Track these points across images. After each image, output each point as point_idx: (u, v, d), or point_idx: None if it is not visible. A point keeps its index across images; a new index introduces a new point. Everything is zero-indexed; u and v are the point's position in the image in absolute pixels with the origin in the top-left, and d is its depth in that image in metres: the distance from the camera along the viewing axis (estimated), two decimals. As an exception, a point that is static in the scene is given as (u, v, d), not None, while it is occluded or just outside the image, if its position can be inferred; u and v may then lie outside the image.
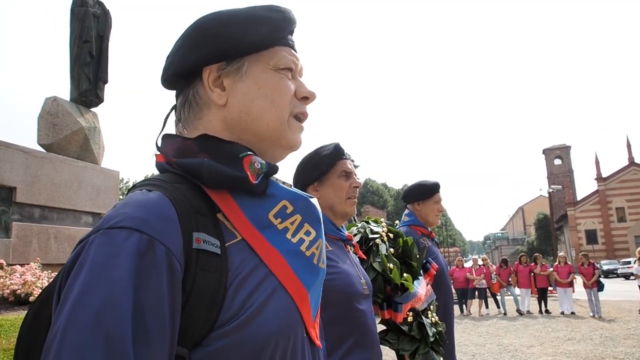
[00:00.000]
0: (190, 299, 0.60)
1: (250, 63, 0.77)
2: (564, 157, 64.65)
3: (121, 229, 0.58)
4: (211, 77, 0.76)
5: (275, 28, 0.78)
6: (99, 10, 6.93)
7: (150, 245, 0.57)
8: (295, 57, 0.82)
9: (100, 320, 0.51)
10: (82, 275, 0.55)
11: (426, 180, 2.89)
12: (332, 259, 1.57)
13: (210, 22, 0.76)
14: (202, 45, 0.76)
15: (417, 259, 2.29)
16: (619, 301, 14.41)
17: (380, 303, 2.03)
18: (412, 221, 2.80)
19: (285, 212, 0.75)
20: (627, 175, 47.68)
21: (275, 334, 0.65)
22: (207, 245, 0.64)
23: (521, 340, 8.41)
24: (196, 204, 0.67)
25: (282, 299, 0.69)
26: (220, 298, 0.62)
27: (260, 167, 0.73)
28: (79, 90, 6.89)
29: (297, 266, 0.73)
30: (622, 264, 30.60)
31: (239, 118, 0.76)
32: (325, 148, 1.76)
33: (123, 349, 0.51)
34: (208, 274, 0.62)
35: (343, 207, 1.71)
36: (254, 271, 0.67)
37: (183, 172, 0.71)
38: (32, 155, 6.13)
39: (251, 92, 0.76)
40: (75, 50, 6.80)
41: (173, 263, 0.59)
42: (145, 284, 0.55)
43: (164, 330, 0.56)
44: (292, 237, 0.74)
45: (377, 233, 2.13)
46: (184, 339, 0.60)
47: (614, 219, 47.61)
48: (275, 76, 0.78)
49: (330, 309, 1.49)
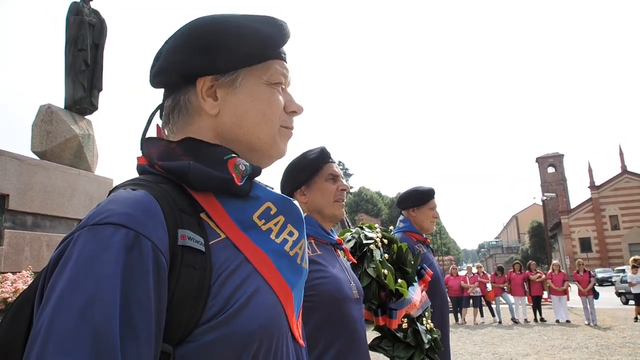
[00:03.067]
0: (175, 295, 0.60)
1: (245, 76, 0.78)
2: (557, 165, 64.98)
3: (107, 225, 0.58)
4: (205, 87, 0.76)
5: (271, 42, 0.78)
6: (94, 19, 6.93)
7: (137, 240, 0.57)
8: (286, 69, 0.83)
9: (87, 316, 0.51)
10: (67, 271, 0.54)
11: (421, 186, 2.87)
12: (321, 262, 1.57)
13: (205, 30, 0.75)
14: (197, 55, 0.75)
15: (412, 265, 2.28)
16: (614, 309, 14.43)
17: (374, 309, 2.01)
18: (407, 227, 2.79)
19: (269, 213, 0.76)
20: (620, 183, 47.93)
21: (260, 330, 0.65)
22: (191, 242, 0.64)
23: (516, 349, 8.38)
24: (180, 202, 0.68)
25: (267, 296, 0.69)
26: (204, 294, 0.62)
27: (245, 169, 0.75)
28: (74, 98, 6.86)
29: (282, 265, 0.74)
30: (616, 272, 30.65)
31: (230, 130, 0.77)
32: (311, 152, 1.76)
33: (110, 344, 0.51)
34: (192, 270, 0.63)
35: (331, 210, 1.71)
36: (239, 268, 0.68)
37: (167, 174, 0.71)
38: (26, 163, 6.10)
39: (244, 105, 0.77)
40: (69, 58, 6.79)
41: (159, 259, 0.59)
42: (132, 279, 0.55)
43: (151, 326, 0.56)
44: (276, 238, 0.75)
45: (371, 239, 2.12)
46: (169, 335, 0.60)
47: (608, 227, 47.77)
48: (267, 90, 0.79)
49: (318, 313, 1.48)
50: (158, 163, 0.72)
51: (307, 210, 1.71)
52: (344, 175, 2.24)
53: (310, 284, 1.49)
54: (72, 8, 6.74)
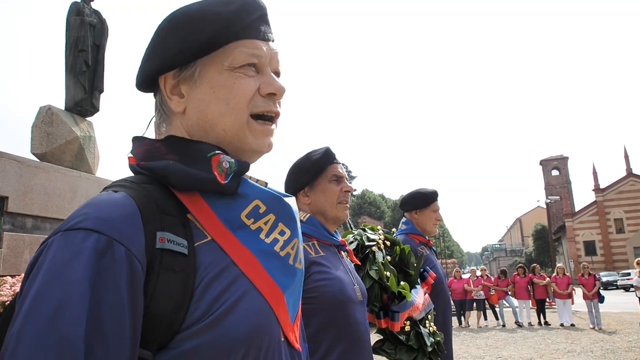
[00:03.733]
0: (153, 300, 0.59)
1: (203, 66, 0.73)
2: (562, 168, 64.87)
3: (79, 230, 0.57)
4: (168, 85, 0.74)
5: (226, 24, 0.71)
6: (95, 20, 6.92)
7: (109, 246, 0.56)
8: (258, 48, 0.74)
9: (55, 323, 0.51)
10: (39, 278, 0.54)
11: (424, 188, 2.85)
12: (324, 264, 1.54)
13: (164, 26, 0.74)
14: (154, 53, 0.74)
15: (415, 267, 2.25)
16: (619, 313, 14.34)
17: (376, 312, 1.98)
18: (410, 229, 2.76)
19: (258, 212, 0.72)
20: (625, 186, 47.79)
21: (246, 337, 0.62)
22: (171, 244, 0.62)
23: (520, 353, 8.32)
24: (164, 204, 0.66)
25: (254, 301, 0.66)
26: (186, 299, 0.60)
27: (229, 166, 0.70)
28: (74, 99, 6.85)
29: (271, 267, 0.70)
30: (621, 275, 30.51)
31: (197, 125, 0.73)
32: (315, 153, 1.75)
33: (76, 350, 0.50)
34: (173, 274, 0.60)
35: (334, 211, 1.69)
36: (224, 272, 0.65)
37: (151, 174, 0.69)
38: (25, 165, 6.08)
39: (206, 96, 0.72)
40: (70, 60, 6.77)
41: (134, 264, 0.57)
42: (103, 285, 0.54)
43: (123, 332, 0.54)
44: (266, 238, 0.72)
45: (374, 241, 2.09)
46: (148, 341, 0.58)
47: (613, 230, 47.61)
48: (231, 76, 0.72)
49: (321, 315, 1.46)
50: (140, 163, 0.71)
51: (310, 212, 1.70)
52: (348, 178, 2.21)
53: (312, 286, 1.48)
54: (72, 9, 6.73)
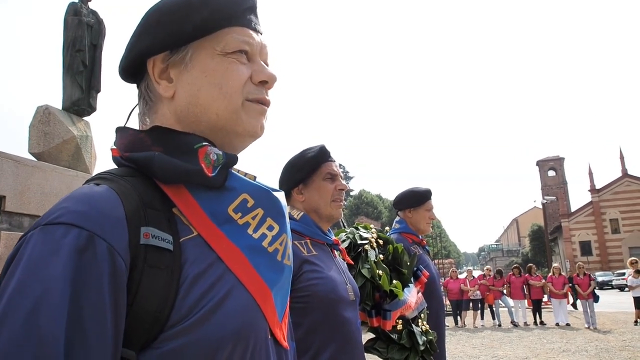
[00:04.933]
0: (137, 298, 0.57)
1: (195, 50, 0.72)
2: (558, 168, 64.90)
3: (59, 225, 0.55)
4: (157, 69, 0.73)
5: (220, 8, 0.72)
6: (92, 20, 6.91)
7: (90, 241, 0.54)
8: (250, 37, 0.75)
9: (33, 320, 0.49)
10: (17, 274, 0.52)
11: (418, 187, 2.85)
12: (317, 263, 1.55)
13: (154, 10, 0.73)
14: (144, 35, 0.72)
15: (408, 266, 2.26)
16: (614, 312, 14.38)
17: (368, 310, 1.99)
18: (403, 228, 2.77)
19: (245, 205, 0.70)
20: (620, 187, 47.85)
21: (233, 335, 0.61)
22: (156, 240, 0.60)
23: (516, 352, 8.35)
24: (148, 197, 0.64)
25: (241, 297, 0.65)
26: (171, 296, 0.59)
27: (217, 158, 0.69)
28: (72, 99, 6.85)
29: (259, 263, 0.69)
30: (616, 275, 30.57)
31: (187, 110, 0.72)
32: (310, 150, 1.74)
33: (54, 348, 0.48)
34: (157, 271, 0.59)
35: (328, 210, 1.68)
36: (210, 268, 0.64)
37: (135, 166, 0.68)
38: (22, 164, 6.08)
39: (197, 81, 0.72)
40: (67, 59, 6.77)
41: (116, 260, 0.56)
42: (83, 282, 0.53)
43: (104, 331, 0.53)
44: (254, 233, 0.70)
45: (366, 239, 2.10)
46: (131, 340, 0.56)
47: (608, 231, 47.66)
48: (223, 61, 0.72)
49: (313, 315, 1.46)
50: (124, 154, 0.69)
51: (304, 210, 1.69)
52: (345, 178, 2.23)
53: (304, 285, 1.47)
54: (70, 9, 6.73)
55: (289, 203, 1.75)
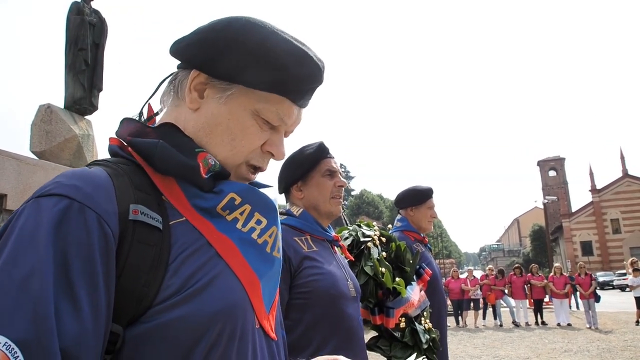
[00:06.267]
0: (125, 272, 0.59)
1: (238, 93, 0.73)
2: (559, 168, 64.86)
3: (52, 196, 0.57)
4: (197, 80, 0.74)
5: (286, 80, 0.72)
6: (95, 19, 6.92)
7: (81, 211, 0.57)
8: (290, 115, 0.76)
9: (26, 287, 0.51)
10: (9, 244, 0.54)
11: (419, 185, 2.85)
12: (317, 259, 1.54)
13: (233, 31, 0.71)
14: (206, 47, 0.72)
15: (411, 264, 2.25)
16: (615, 312, 14.37)
17: (371, 308, 1.99)
18: (405, 226, 2.77)
19: (233, 203, 0.72)
20: (621, 187, 47.84)
21: (221, 315, 0.62)
22: (144, 217, 0.62)
23: (517, 352, 8.34)
24: (138, 183, 0.66)
25: (229, 281, 0.66)
26: (160, 274, 0.60)
27: (214, 164, 0.72)
28: (73, 97, 6.85)
29: (249, 253, 0.71)
30: (617, 275, 30.55)
31: (197, 131, 0.74)
32: (309, 147, 1.73)
33: (47, 313, 0.50)
34: (146, 247, 0.61)
35: (327, 206, 1.68)
36: (199, 250, 0.65)
37: (135, 151, 0.70)
38: (24, 163, 6.08)
39: (220, 118, 0.73)
40: (70, 58, 6.77)
41: (105, 230, 0.57)
42: (73, 248, 0.54)
43: (99, 300, 0.55)
44: (243, 227, 0.72)
45: (369, 237, 2.09)
46: (118, 313, 0.58)
47: (609, 231, 47.66)
48: (250, 119, 0.74)
49: (313, 310, 1.46)
50: (127, 138, 0.71)
51: (303, 206, 1.69)
52: (346, 178, 2.23)
53: (305, 281, 1.47)
54: (72, 8, 6.74)
55: (289, 200, 1.75)
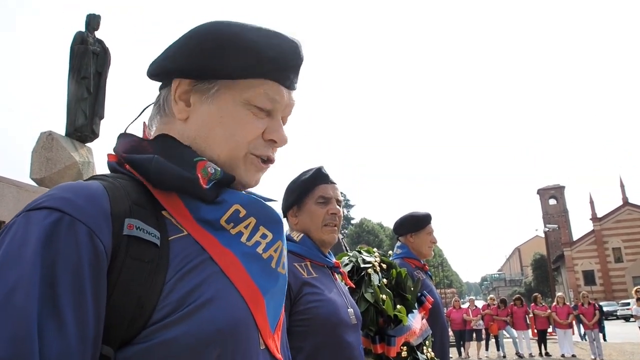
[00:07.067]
0: (116, 290, 0.56)
1: (222, 88, 0.72)
2: (559, 197, 64.94)
3: (42, 210, 0.55)
4: (180, 89, 0.74)
5: (268, 59, 0.71)
6: (98, 48, 7.05)
7: (71, 225, 0.54)
8: (280, 95, 0.74)
9: (7, 303, 0.49)
10: None
11: (417, 211, 2.84)
12: (317, 285, 1.52)
13: (202, 33, 0.72)
14: (181, 55, 0.73)
15: (412, 291, 2.22)
16: (620, 343, 14.12)
17: (372, 336, 1.95)
18: (405, 253, 2.74)
19: (237, 216, 0.70)
20: (622, 215, 47.69)
21: (220, 335, 0.59)
22: (140, 232, 0.59)
23: (521, 384, 8.15)
24: (137, 197, 0.64)
25: (232, 298, 0.63)
26: (155, 292, 0.57)
27: (214, 172, 0.69)
28: (75, 125, 6.92)
29: (252, 269, 0.68)
30: (621, 305, 30.14)
31: (194, 138, 0.73)
32: (307, 172, 1.72)
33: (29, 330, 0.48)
34: (140, 263, 0.58)
35: (319, 234, 1.65)
36: (200, 266, 0.62)
37: (131, 167, 0.68)
38: (24, 189, 6.08)
39: (212, 118, 0.72)
40: (72, 86, 6.87)
41: (96, 245, 0.55)
42: (61, 263, 0.52)
43: (86, 318, 0.52)
44: (247, 241, 0.69)
45: (370, 263, 2.07)
46: (110, 335, 0.55)
47: (611, 260, 47.24)
48: (242, 110, 0.72)
49: (313, 338, 1.43)
50: (123, 155, 0.69)
51: (300, 232, 1.68)
52: (346, 206, 2.17)
53: (305, 307, 1.45)
54: (76, 37, 6.87)
55: (289, 224, 1.74)
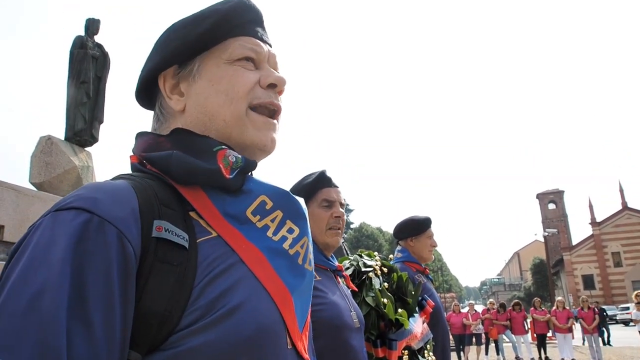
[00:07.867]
0: (145, 294, 0.55)
1: (202, 61, 0.74)
2: (558, 201, 65.03)
3: (70, 210, 0.54)
4: (168, 85, 0.75)
5: (223, 19, 0.73)
6: (98, 52, 7.06)
7: (101, 226, 0.53)
8: (256, 45, 0.75)
9: (34, 307, 0.47)
10: (24, 259, 0.51)
11: (417, 215, 2.84)
12: (320, 289, 1.52)
13: (164, 31, 0.77)
14: (154, 54, 0.76)
15: (413, 295, 2.22)
16: (620, 348, 14.10)
17: (373, 340, 1.94)
18: (406, 257, 2.74)
19: (264, 208, 0.68)
20: (621, 220, 47.77)
21: (250, 341, 0.58)
22: (169, 234, 0.58)
23: (522, 389, 8.12)
24: (164, 197, 0.63)
25: (262, 303, 0.62)
26: (184, 296, 0.56)
27: (235, 160, 0.68)
28: (74, 129, 6.92)
29: (279, 266, 0.67)
30: (620, 309, 30.11)
31: (197, 120, 0.72)
32: (310, 176, 1.73)
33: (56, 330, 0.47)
34: (168, 267, 0.56)
35: (323, 238, 1.65)
36: (230, 270, 0.61)
37: (152, 166, 0.67)
38: (23, 194, 6.07)
39: (205, 90, 0.72)
40: (72, 91, 6.87)
41: (125, 247, 0.54)
42: (90, 266, 0.51)
43: (114, 321, 0.51)
44: (274, 235, 0.68)
45: (370, 266, 2.07)
46: (137, 341, 0.53)
47: (610, 264, 47.27)
48: (229, 68, 0.72)
49: (318, 342, 1.41)
50: (142, 154, 0.69)
51: None
52: (345, 211, 2.19)
53: None
54: (76, 41, 6.88)
55: None
